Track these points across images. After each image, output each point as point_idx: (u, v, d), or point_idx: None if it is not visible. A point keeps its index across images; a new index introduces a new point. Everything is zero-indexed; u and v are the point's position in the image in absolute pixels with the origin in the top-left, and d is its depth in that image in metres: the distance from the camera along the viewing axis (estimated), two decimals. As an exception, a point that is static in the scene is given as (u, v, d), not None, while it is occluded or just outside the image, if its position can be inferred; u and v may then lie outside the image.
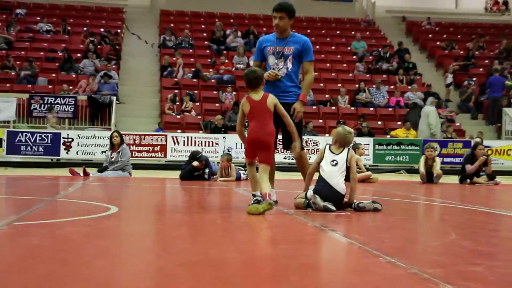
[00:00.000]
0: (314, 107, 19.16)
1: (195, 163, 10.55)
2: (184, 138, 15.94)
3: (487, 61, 23.35)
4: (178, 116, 17.88)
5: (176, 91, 18.88)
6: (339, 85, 20.69)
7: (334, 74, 21.72)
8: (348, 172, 5.35)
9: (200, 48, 22.45)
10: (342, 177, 5.28)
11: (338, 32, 25.38)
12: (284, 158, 15.46)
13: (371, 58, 22.75)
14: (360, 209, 5.23)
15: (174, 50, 21.20)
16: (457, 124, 19.14)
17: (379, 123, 18.90)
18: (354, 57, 23.11)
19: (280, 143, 5.91)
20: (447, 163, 16.21)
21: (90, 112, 17.47)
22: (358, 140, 14.68)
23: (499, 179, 11.90)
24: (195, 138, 16.01)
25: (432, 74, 23.11)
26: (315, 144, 16.24)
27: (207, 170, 10.67)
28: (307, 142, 15.96)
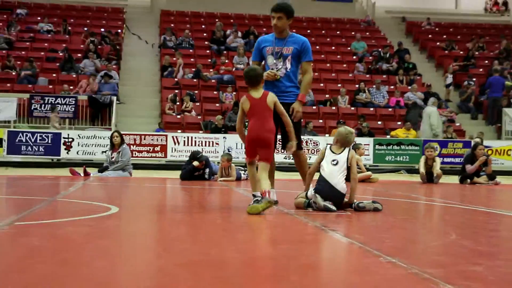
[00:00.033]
0: (314, 107, 19.17)
1: (195, 163, 10.56)
2: (184, 138, 15.95)
3: (486, 61, 23.36)
4: (179, 116, 17.88)
5: (176, 91, 18.87)
6: (339, 85, 20.69)
7: (334, 75, 21.72)
8: (349, 172, 5.36)
9: (200, 48, 22.45)
10: (342, 176, 5.29)
11: (338, 32, 25.39)
12: (284, 158, 15.46)
13: (371, 59, 22.76)
14: (360, 209, 5.23)
15: (174, 50, 21.21)
16: (457, 124, 19.15)
17: (379, 123, 18.91)
18: (354, 57, 23.11)
19: (280, 143, 5.92)
20: (447, 163, 16.23)
21: (91, 112, 17.48)
22: (358, 140, 14.67)
23: (499, 179, 11.91)
24: (195, 138, 16.02)
25: (432, 75, 23.12)
26: (315, 144, 16.25)
27: (207, 170, 10.68)
28: (307, 142, 15.97)
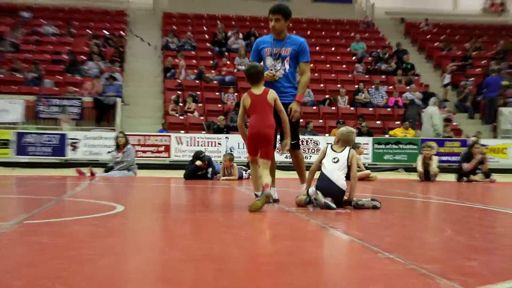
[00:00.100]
0: (314, 107, 19.29)
1: (198, 162, 10.66)
2: (187, 138, 16.16)
3: (484, 61, 23.37)
4: (182, 117, 17.98)
5: (179, 92, 18.94)
6: (339, 85, 20.78)
7: (333, 75, 21.81)
8: (349, 170, 5.47)
9: (202, 50, 22.53)
10: (343, 174, 5.41)
11: (337, 33, 25.44)
12: (285, 158, 15.68)
13: (370, 59, 22.81)
14: (359, 206, 5.35)
15: (176, 52, 21.33)
16: (454, 123, 19.24)
17: (378, 122, 19.02)
18: (354, 58, 23.18)
19: (280, 143, 6.00)
20: (444, 162, 16.39)
21: (96, 113, 17.60)
22: (358, 140, 14.78)
23: (494, 176, 12.09)
24: (198, 138, 16.24)
25: (430, 75, 23.16)
26: (315, 144, 16.42)
27: (210, 170, 10.78)
28: (307, 142, 16.16)
